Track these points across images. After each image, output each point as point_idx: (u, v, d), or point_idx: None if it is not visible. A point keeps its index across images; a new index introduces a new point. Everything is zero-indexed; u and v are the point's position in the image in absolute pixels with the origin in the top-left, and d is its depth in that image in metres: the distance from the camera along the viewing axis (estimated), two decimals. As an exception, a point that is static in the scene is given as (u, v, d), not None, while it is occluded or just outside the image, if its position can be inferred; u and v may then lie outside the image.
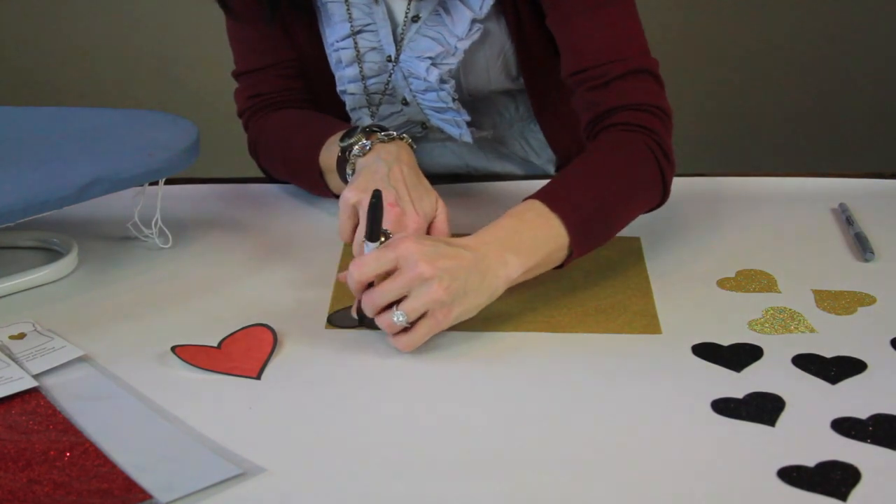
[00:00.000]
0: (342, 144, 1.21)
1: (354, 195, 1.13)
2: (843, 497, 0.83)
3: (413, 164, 1.18)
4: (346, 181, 1.22)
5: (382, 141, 1.19)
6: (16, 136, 1.23)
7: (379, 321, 1.02)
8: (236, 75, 1.42)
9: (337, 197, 1.25)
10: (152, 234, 1.24)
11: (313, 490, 0.85)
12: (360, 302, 1.04)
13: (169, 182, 1.24)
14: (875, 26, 2.72)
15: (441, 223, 1.15)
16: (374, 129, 1.20)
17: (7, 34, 2.78)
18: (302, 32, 1.35)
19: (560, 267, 1.11)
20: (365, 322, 1.06)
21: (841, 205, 1.33)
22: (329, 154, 1.25)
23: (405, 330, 1.02)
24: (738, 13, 2.71)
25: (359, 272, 1.01)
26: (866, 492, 0.84)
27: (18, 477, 0.86)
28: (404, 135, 1.21)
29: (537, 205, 1.09)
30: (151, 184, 1.21)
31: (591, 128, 1.24)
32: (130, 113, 1.30)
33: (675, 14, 2.68)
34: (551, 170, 1.50)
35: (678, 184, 1.38)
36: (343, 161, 1.21)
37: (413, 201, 1.13)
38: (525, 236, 1.06)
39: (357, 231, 1.13)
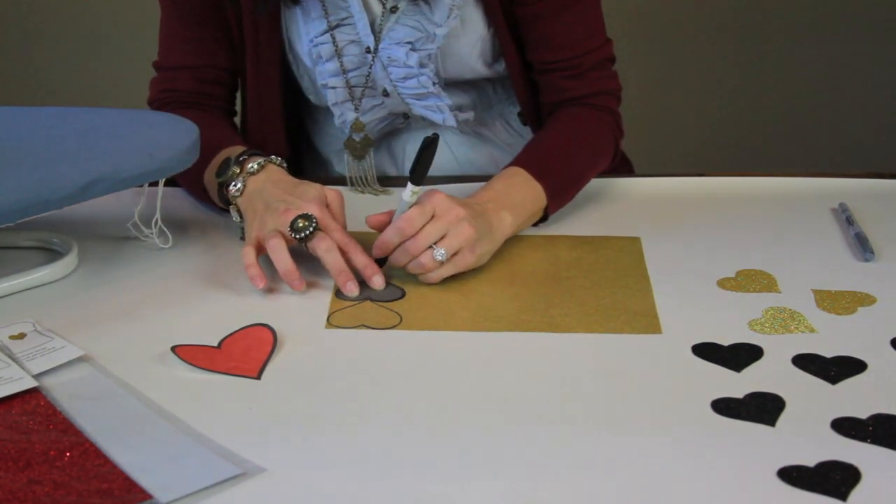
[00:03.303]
0: (219, 180, 1.24)
1: (252, 253, 1.16)
2: (843, 497, 0.83)
3: (283, 174, 1.23)
4: (225, 208, 1.25)
5: (251, 173, 1.22)
6: (16, 136, 1.23)
7: (421, 259, 1.13)
8: (156, 66, 1.44)
9: (220, 208, 1.29)
10: (152, 234, 1.24)
11: (313, 490, 0.85)
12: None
13: (169, 182, 1.24)
14: (875, 26, 2.72)
15: (335, 208, 1.19)
16: (244, 157, 1.23)
17: (7, 34, 2.77)
18: (261, 32, 1.36)
19: (535, 224, 1.27)
20: (372, 296, 1.14)
21: (841, 205, 1.33)
22: (211, 178, 1.27)
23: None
24: (739, 13, 2.71)
25: (408, 226, 1.13)
26: (866, 492, 0.84)
27: (18, 477, 0.86)
28: (273, 157, 1.24)
29: (522, 172, 1.26)
30: (151, 184, 1.21)
31: (557, 104, 1.39)
32: (130, 113, 1.30)
33: (675, 14, 2.68)
34: None
35: (678, 184, 1.39)
36: (222, 194, 1.24)
37: (300, 197, 1.17)
38: (515, 198, 1.23)
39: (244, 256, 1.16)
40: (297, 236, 1.14)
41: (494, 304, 1.12)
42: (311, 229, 1.14)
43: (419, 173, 1.13)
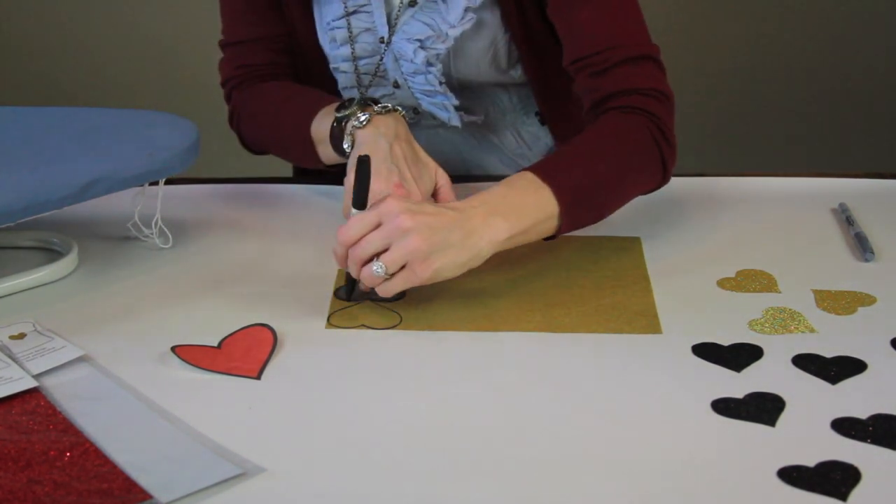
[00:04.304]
0: (338, 115, 1.23)
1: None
2: (843, 497, 0.83)
3: (410, 139, 1.23)
4: (340, 153, 1.25)
5: (379, 113, 1.22)
6: (16, 136, 1.23)
7: (362, 275, 1.06)
8: (223, 45, 1.43)
9: (327, 167, 1.30)
10: (152, 234, 1.24)
11: (313, 490, 0.85)
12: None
13: (169, 182, 1.24)
14: (875, 26, 2.72)
15: (445, 192, 1.20)
16: (370, 101, 1.24)
17: (7, 34, 2.77)
18: (296, 8, 1.37)
19: (551, 238, 1.15)
20: (355, 295, 1.12)
21: (841, 205, 1.33)
22: (322, 125, 1.27)
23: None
24: (739, 12, 2.71)
25: (343, 235, 1.05)
26: (866, 492, 0.84)
27: (18, 477, 0.86)
28: (398, 107, 1.24)
29: (529, 175, 1.13)
30: (151, 184, 1.21)
31: (592, 112, 1.26)
32: (130, 113, 1.30)
33: (675, 13, 2.68)
34: None
35: (678, 184, 1.39)
36: (339, 132, 1.23)
37: (415, 179, 1.18)
38: (514, 202, 1.10)
39: (345, 200, 1.15)
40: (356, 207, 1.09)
41: (494, 304, 1.12)
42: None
43: (360, 197, 1.07)
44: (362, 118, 1.21)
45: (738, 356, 1.03)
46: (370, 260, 1.05)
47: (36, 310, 1.12)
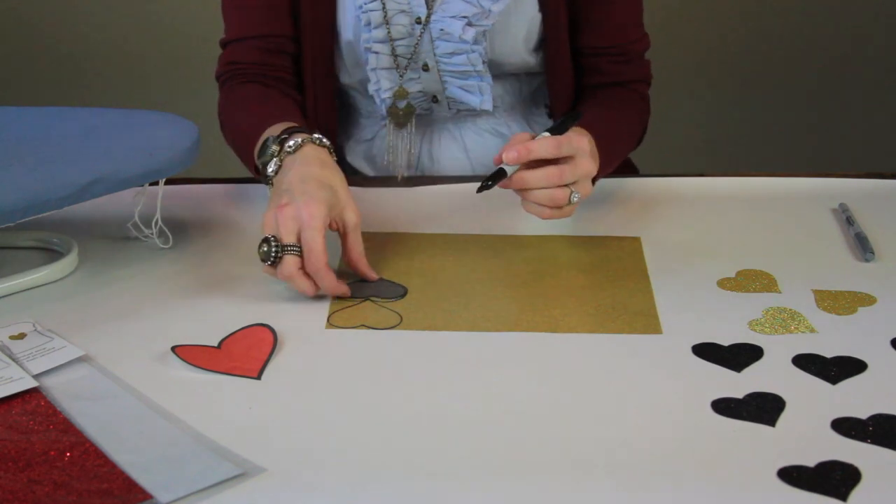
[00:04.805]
0: (259, 160, 1.21)
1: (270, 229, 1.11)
2: (843, 497, 0.83)
3: (318, 156, 1.17)
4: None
5: (289, 152, 1.17)
6: (16, 136, 1.23)
7: (556, 193, 1.16)
8: (223, 43, 1.45)
9: (255, 182, 1.33)
10: (152, 234, 1.24)
11: (313, 490, 0.85)
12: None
13: (169, 182, 1.24)
14: (875, 26, 2.72)
15: (350, 225, 1.15)
16: (285, 135, 1.19)
17: (7, 34, 2.77)
18: (318, 2, 1.37)
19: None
20: (374, 294, 1.14)
21: (841, 205, 1.33)
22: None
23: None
24: (739, 12, 2.71)
25: (569, 145, 1.16)
26: (866, 492, 0.84)
27: (18, 477, 0.86)
28: (315, 135, 1.19)
29: (592, 141, 1.24)
30: (151, 184, 1.21)
31: (600, 87, 1.43)
32: (130, 113, 1.30)
33: (675, 13, 2.68)
34: None
35: (678, 184, 1.39)
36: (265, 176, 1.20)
37: (304, 193, 1.11)
38: (594, 152, 1.24)
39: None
40: (265, 261, 1.10)
41: (495, 304, 1.12)
42: (274, 255, 1.09)
43: (562, 128, 1.19)
44: (273, 168, 1.17)
45: (738, 356, 1.03)
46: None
47: (36, 310, 1.12)
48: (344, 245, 1.16)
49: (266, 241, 1.10)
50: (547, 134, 1.18)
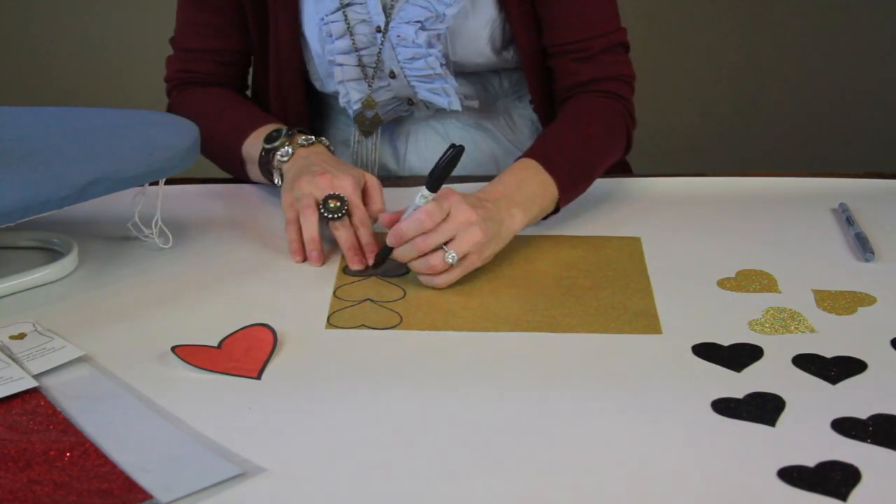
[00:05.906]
0: (267, 147, 1.30)
1: (293, 229, 1.22)
2: (843, 497, 0.83)
3: (329, 153, 1.30)
4: (268, 178, 1.32)
5: (302, 145, 1.29)
6: (16, 136, 1.23)
7: (431, 259, 1.12)
8: (173, 44, 1.47)
9: (254, 184, 1.37)
10: (152, 234, 1.24)
11: (313, 490, 0.85)
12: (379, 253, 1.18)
13: (169, 182, 1.24)
14: (875, 26, 2.72)
15: (372, 188, 1.25)
16: (294, 132, 1.30)
17: (7, 34, 2.77)
18: (283, 13, 1.39)
19: (545, 218, 1.26)
20: (379, 272, 1.18)
21: (841, 205, 1.33)
22: (252, 148, 1.34)
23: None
24: (739, 12, 2.71)
25: (430, 220, 1.11)
26: (866, 492, 0.84)
27: (18, 477, 0.86)
28: (323, 138, 1.31)
29: (531, 163, 1.25)
30: (151, 184, 1.21)
31: (568, 90, 1.39)
32: (130, 113, 1.30)
33: (675, 13, 2.68)
34: None
35: (678, 184, 1.39)
36: (267, 161, 1.30)
37: (337, 167, 1.25)
38: (526, 192, 1.22)
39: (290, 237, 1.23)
40: (329, 216, 1.20)
41: (495, 304, 1.12)
42: (342, 213, 1.19)
43: (437, 181, 1.12)
44: (287, 151, 1.28)
45: (738, 356, 1.03)
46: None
47: (36, 310, 1.12)
48: (368, 201, 1.24)
49: (329, 198, 1.20)
50: (426, 191, 1.13)
